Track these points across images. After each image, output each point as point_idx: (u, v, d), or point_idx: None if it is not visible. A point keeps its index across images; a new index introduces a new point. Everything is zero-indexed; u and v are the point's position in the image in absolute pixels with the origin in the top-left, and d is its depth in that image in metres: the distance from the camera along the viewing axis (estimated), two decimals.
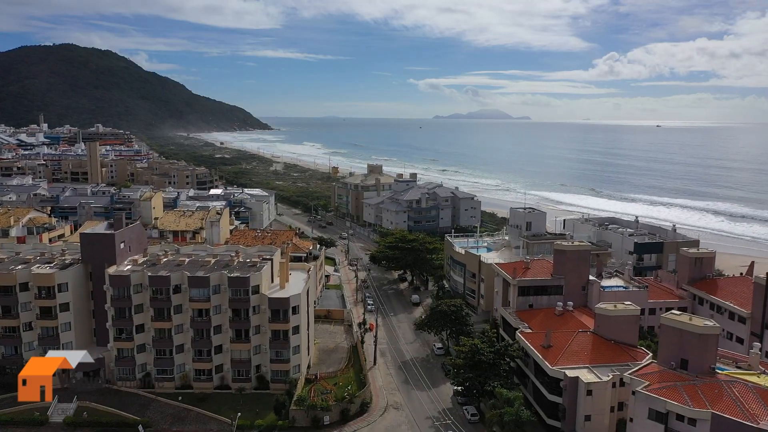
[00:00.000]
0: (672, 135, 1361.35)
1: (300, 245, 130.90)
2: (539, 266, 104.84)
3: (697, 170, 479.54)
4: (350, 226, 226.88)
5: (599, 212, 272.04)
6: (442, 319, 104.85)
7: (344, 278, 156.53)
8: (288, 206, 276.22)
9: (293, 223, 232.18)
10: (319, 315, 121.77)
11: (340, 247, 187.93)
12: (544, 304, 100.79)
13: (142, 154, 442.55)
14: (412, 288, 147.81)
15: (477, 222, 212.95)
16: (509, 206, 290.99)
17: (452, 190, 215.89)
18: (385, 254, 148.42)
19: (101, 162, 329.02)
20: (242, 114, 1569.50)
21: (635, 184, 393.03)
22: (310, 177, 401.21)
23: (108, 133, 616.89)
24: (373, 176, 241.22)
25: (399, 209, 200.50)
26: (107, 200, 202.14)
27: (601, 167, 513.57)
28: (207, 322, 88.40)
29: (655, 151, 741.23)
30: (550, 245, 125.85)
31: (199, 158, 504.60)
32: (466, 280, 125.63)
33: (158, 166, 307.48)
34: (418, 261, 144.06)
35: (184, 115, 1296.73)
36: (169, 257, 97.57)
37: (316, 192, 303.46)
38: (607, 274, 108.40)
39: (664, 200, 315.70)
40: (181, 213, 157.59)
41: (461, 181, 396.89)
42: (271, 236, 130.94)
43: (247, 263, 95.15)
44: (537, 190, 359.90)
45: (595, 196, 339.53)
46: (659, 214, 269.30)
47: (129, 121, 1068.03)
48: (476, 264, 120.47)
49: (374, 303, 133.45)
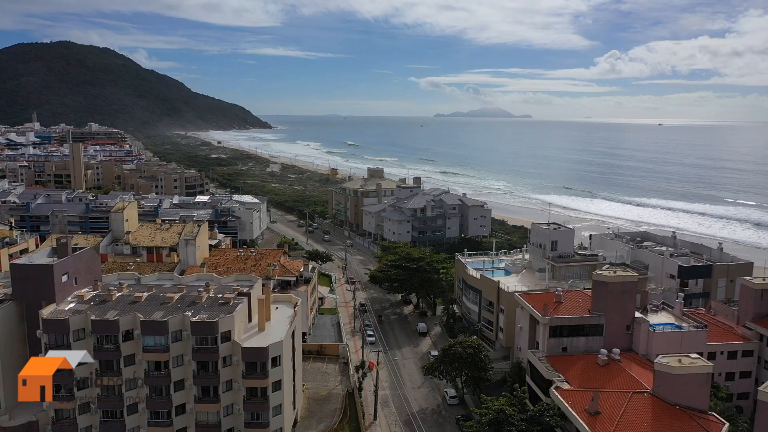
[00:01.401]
0: (675, 134, 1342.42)
1: (289, 266, 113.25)
2: (574, 300, 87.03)
3: (709, 173, 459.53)
4: (349, 235, 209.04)
5: (610, 220, 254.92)
6: (456, 362, 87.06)
7: (341, 300, 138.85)
8: (283, 212, 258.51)
9: (287, 233, 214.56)
10: (310, 351, 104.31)
11: (337, 262, 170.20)
12: (580, 347, 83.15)
13: (134, 155, 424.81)
14: (418, 313, 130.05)
15: (487, 231, 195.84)
16: (518, 212, 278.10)
17: (460, 197, 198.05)
18: (388, 274, 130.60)
19: (87, 164, 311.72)
20: (242, 112, 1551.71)
21: (644, 187, 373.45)
22: (308, 179, 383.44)
23: (101, 132, 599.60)
24: (373, 181, 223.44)
25: (402, 218, 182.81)
26: (83, 209, 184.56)
27: (605, 169, 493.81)
28: (165, 376, 70.67)
29: (662, 151, 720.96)
30: (579, 269, 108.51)
31: (193, 159, 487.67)
32: (481, 309, 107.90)
33: (146, 169, 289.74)
34: (425, 283, 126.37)
35: (183, 114, 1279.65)
36: (125, 291, 79.80)
37: (313, 196, 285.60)
38: (652, 308, 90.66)
39: (679, 205, 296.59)
40: (157, 226, 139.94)
41: (463, 183, 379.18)
42: (255, 256, 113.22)
43: (218, 300, 77.37)
44: (541, 194, 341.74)
45: (603, 200, 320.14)
46: (678, 222, 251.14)
47: (126, 119, 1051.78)
48: (494, 291, 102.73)
49: (374, 334, 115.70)
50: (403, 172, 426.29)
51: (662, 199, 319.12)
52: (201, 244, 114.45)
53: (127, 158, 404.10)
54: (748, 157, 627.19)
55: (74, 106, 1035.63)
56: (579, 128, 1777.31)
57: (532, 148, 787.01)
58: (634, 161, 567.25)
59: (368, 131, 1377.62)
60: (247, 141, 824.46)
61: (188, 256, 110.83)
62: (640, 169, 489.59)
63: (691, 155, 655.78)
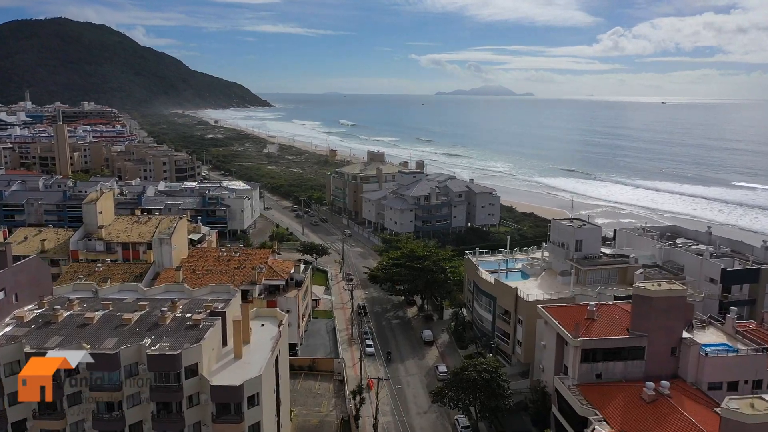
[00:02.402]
0: (679, 112, 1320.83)
1: (278, 268, 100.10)
2: (609, 316, 73.98)
3: (719, 154, 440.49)
4: (347, 224, 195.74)
5: (622, 206, 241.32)
6: (470, 387, 74.22)
7: (337, 300, 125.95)
8: (279, 197, 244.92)
9: (282, 221, 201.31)
10: (301, 366, 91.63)
11: (334, 255, 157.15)
12: (617, 373, 70.38)
13: (125, 135, 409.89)
14: (423, 317, 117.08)
15: (496, 220, 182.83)
16: (525, 197, 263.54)
17: (467, 184, 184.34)
18: (389, 273, 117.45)
19: (74, 146, 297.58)
20: (241, 90, 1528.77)
21: (653, 170, 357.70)
22: (306, 161, 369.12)
23: (94, 111, 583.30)
24: (374, 165, 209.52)
25: (404, 207, 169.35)
26: (60, 197, 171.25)
27: (611, 150, 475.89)
28: (119, 419, 57.83)
29: (668, 131, 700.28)
30: (608, 272, 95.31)
31: (188, 139, 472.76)
32: (496, 318, 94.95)
33: (135, 151, 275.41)
34: (431, 284, 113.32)
35: (181, 92, 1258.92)
36: (76, 309, 66.79)
37: (310, 180, 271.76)
38: (698, 323, 77.63)
39: (692, 190, 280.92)
40: (134, 219, 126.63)
41: (466, 165, 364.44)
42: (239, 257, 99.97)
43: (186, 321, 64.28)
44: (547, 177, 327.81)
45: (612, 183, 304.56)
46: (695, 209, 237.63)
47: (122, 98, 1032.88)
48: (512, 300, 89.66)
49: (373, 344, 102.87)
50: (404, 153, 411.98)
51: (674, 183, 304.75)
52: (178, 242, 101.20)
53: (119, 139, 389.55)
54: (755, 137, 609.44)
55: (69, 85, 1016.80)
56: (582, 106, 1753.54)
57: (535, 128, 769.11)
58: (641, 142, 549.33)
59: (369, 110, 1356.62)
60: (245, 120, 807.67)
61: (163, 258, 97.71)
62: (647, 150, 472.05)
63: (699, 135, 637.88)
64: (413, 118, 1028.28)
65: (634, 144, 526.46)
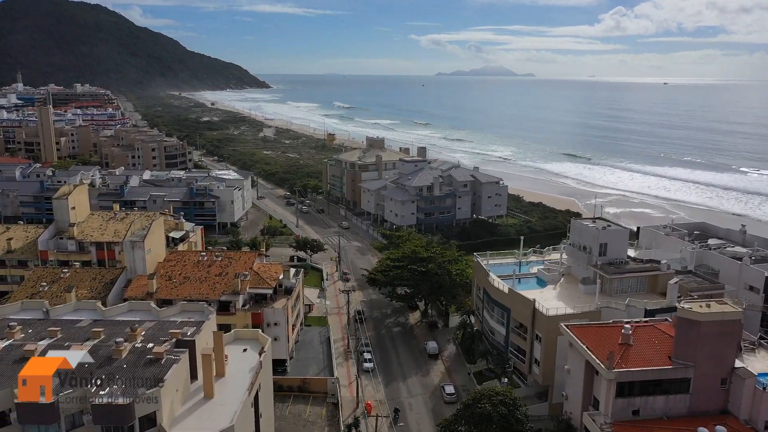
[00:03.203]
0: (682, 94, 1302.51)
1: (265, 274, 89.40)
2: (647, 341, 63.39)
3: (729, 139, 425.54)
4: (345, 215, 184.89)
5: (633, 195, 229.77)
6: (484, 423, 63.81)
7: (333, 304, 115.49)
8: (273, 185, 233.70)
9: (276, 211, 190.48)
10: (290, 386, 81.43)
11: (330, 252, 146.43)
12: (657, 409, 60.07)
13: (117, 119, 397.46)
14: (426, 324, 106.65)
15: (503, 211, 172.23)
16: (531, 184, 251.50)
17: (472, 173, 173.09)
18: (389, 276, 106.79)
19: (61, 130, 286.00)
20: (239, 71, 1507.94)
21: (660, 155, 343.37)
22: (303, 145, 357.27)
23: (86, 93, 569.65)
24: (373, 152, 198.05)
25: (406, 198, 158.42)
26: (37, 187, 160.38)
27: (616, 134, 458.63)
28: None
29: (672, 113, 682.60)
30: (636, 280, 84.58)
31: (183, 122, 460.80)
32: (509, 332, 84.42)
33: (124, 136, 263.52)
34: (436, 289, 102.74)
35: (177, 73, 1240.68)
36: (17, 338, 56.21)
37: (307, 166, 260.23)
38: (747, 345, 66.98)
39: (705, 177, 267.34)
40: (110, 215, 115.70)
41: (466, 151, 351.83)
42: (221, 262, 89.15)
43: (146, 354, 53.65)
44: (552, 162, 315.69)
45: (621, 170, 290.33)
46: (711, 198, 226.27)
47: (117, 79, 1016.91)
48: (528, 313, 79.06)
49: (372, 359, 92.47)
50: (405, 137, 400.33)
51: (684, 169, 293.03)
52: (154, 244, 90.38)
53: (110, 122, 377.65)
54: (761, 120, 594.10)
55: (63, 66, 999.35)
56: (583, 88, 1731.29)
57: (537, 110, 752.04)
58: (645, 125, 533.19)
59: (368, 91, 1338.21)
60: (242, 102, 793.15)
61: (135, 263, 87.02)
62: (653, 134, 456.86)
63: (704, 117, 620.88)
64: (413, 99, 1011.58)
65: (638, 127, 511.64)
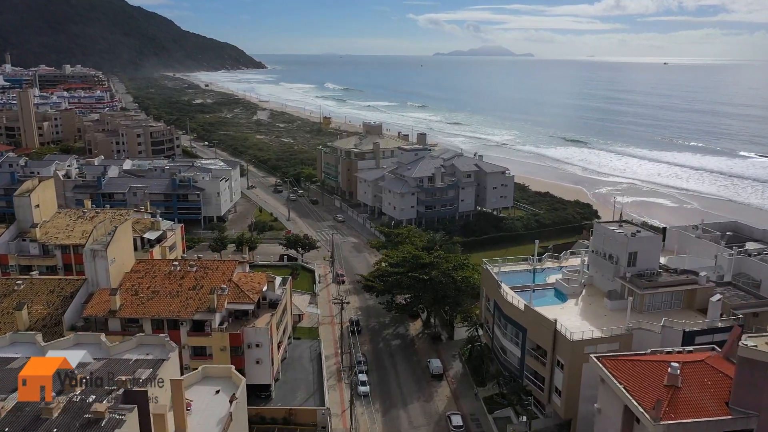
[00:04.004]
0: (684, 74, 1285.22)
1: (246, 285, 78.53)
2: (697, 382, 52.69)
3: (734, 123, 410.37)
4: (340, 206, 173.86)
5: (644, 183, 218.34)
6: None
7: (325, 311, 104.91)
8: (265, 173, 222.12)
9: (267, 202, 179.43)
10: (274, 418, 70.97)
11: (324, 250, 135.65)
12: None
13: (106, 102, 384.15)
14: (429, 336, 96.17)
15: (509, 202, 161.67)
16: (534, 171, 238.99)
17: (476, 162, 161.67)
18: (389, 283, 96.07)
19: (44, 115, 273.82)
20: (234, 52, 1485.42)
21: (667, 141, 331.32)
22: (298, 129, 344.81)
23: (76, 74, 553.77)
24: (370, 139, 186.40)
25: (405, 190, 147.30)
26: (7, 179, 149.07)
27: (620, 117, 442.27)
28: None
29: (677, 95, 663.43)
30: (671, 295, 73.90)
31: (174, 105, 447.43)
32: (525, 353, 73.91)
33: (109, 121, 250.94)
34: (440, 299, 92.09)
35: (172, 54, 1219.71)
36: None
37: (301, 152, 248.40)
38: None
39: (718, 165, 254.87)
40: (79, 214, 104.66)
41: (466, 135, 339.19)
42: (196, 273, 78.16)
43: (84, 412, 42.78)
44: (555, 146, 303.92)
45: (629, 156, 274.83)
46: (725, 187, 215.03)
47: (110, 60, 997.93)
48: (548, 335, 68.49)
49: (367, 377, 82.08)
50: (402, 121, 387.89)
51: (693, 154, 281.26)
52: (119, 252, 79.25)
53: (98, 106, 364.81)
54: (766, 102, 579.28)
55: (55, 47, 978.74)
56: (583, 68, 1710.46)
57: (537, 92, 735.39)
58: (649, 107, 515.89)
59: (365, 72, 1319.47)
60: (237, 83, 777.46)
61: (97, 275, 76.15)
62: (657, 117, 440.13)
63: (707, 100, 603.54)
64: (411, 80, 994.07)
65: (641, 110, 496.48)
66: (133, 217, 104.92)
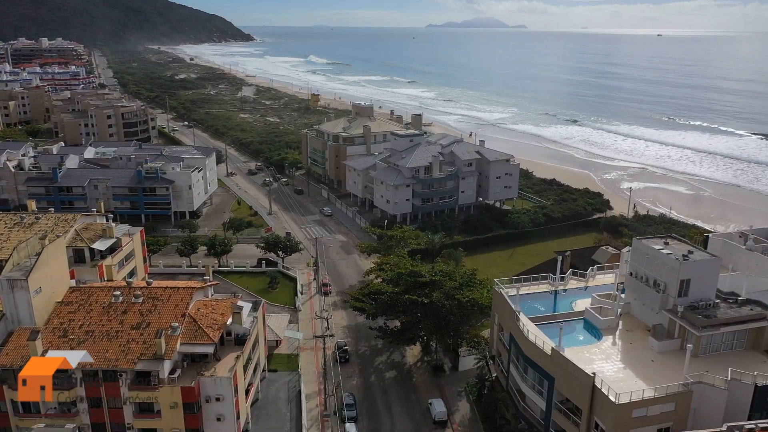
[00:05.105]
0: (678, 46, 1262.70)
1: (206, 319, 63.43)
2: None
3: (740, 100, 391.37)
4: (328, 197, 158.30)
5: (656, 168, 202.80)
6: None
7: (308, 330, 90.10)
8: (248, 158, 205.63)
9: (247, 192, 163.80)
10: None
11: (307, 253, 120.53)
12: None
13: (82, 78, 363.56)
14: (430, 366, 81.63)
15: (513, 193, 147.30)
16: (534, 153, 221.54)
17: (477, 149, 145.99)
18: (381, 300, 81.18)
19: (10, 93, 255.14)
20: (222, 24, 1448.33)
21: (669, 120, 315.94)
22: (285, 107, 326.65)
23: (54, 48, 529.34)
24: (360, 122, 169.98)
25: (399, 182, 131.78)
26: None
27: (613, 92, 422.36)
28: None
29: (673, 70, 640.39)
30: (733, 335, 59.45)
31: (155, 81, 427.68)
32: (551, 407, 59.53)
33: (80, 100, 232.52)
34: (443, 326, 77.36)
35: (157, 26, 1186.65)
36: None
37: (287, 133, 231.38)
38: None
39: (728, 147, 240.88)
40: (15, 221, 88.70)
41: (458, 114, 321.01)
42: (141, 305, 62.96)
43: None
44: (555, 125, 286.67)
45: (633, 138, 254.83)
46: (741, 172, 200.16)
47: (93, 33, 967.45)
48: (584, 392, 53.99)
49: (357, 422, 67.66)
50: (394, 98, 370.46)
51: (702, 133, 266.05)
52: (48, 280, 63.87)
53: (73, 82, 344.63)
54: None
55: (36, 18, 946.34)
56: (577, 40, 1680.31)
57: (532, 66, 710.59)
58: (648, 83, 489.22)
59: (357, 44, 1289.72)
60: (223, 57, 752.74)
61: (17, 310, 60.99)
62: (656, 94, 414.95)
63: (705, 74, 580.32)
64: (403, 53, 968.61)
65: (639, 86, 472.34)
66: (82, 223, 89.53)
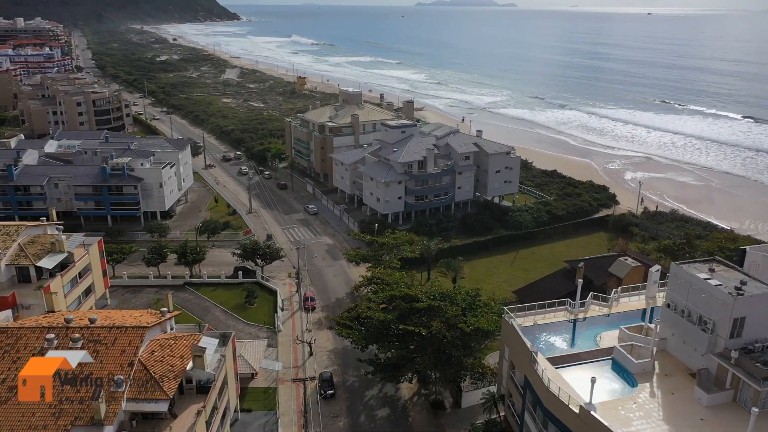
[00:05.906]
0: (668, 25, 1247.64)
1: (160, 365, 52.45)
2: None
3: (740, 84, 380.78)
4: (314, 192, 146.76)
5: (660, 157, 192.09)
6: None
7: (288, 355, 79.26)
8: (228, 147, 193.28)
9: (227, 185, 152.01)
10: None
11: (289, 261, 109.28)
12: None
13: (57, 60, 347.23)
14: (428, 400, 71.18)
15: (514, 188, 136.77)
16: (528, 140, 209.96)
17: (475, 141, 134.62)
18: (371, 326, 70.40)
19: None
20: (208, 2, 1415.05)
21: (667, 104, 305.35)
22: (270, 90, 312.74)
23: (30, 28, 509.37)
24: (348, 110, 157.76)
25: (390, 178, 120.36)
26: None
27: (609, 75, 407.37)
28: None
29: (667, 51, 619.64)
30: None
31: (135, 63, 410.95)
32: None
33: (50, 85, 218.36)
34: (445, 361, 66.60)
35: (141, 5, 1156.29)
36: None
37: (271, 120, 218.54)
38: None
39: (735, 135, 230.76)
40: None
41: (449, 97, 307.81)
42: (81, 350, 51.73)
43: None
44: (546, 111, 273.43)
45: (633, 125, 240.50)
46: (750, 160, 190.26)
47: (74, 12, 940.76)
48: None
49: None
50: (382, 81, 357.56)
51: (704, 118, 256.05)
52: None
53: (47, 65, 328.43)
54: (760, 57, 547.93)
55: None
56: (567, 19, 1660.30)
57: (524, 47, 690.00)
58: (641, 65, 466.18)
59: (345, 24, 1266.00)
60: (207, 37, 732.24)
61: None
62: (651, 76, 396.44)
63: (699, 55, 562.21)
64: (391, 33, 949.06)
65: (633, 68, 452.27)
66: (27, 236, 77.98)
